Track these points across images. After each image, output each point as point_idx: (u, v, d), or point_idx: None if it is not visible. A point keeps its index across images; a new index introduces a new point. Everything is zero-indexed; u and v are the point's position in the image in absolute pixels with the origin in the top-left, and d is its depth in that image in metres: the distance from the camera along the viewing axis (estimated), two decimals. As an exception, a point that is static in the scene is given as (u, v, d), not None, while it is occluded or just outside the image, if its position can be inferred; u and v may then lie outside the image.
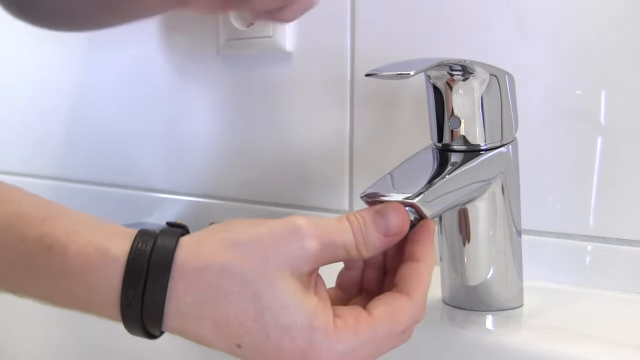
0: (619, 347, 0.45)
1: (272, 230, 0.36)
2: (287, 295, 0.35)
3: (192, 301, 0.35)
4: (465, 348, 0.48)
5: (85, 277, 0.35)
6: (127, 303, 0.35)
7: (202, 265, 0.35)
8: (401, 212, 0.40)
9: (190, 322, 0.35)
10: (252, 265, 0.35)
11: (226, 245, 0.36)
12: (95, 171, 0.92)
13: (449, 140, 0.49)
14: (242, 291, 0.35)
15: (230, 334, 0.35)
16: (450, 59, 0.45)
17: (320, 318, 0.36)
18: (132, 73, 0.89)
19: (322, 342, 0.35)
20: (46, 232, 0.36)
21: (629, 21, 0.55)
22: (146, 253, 0.35)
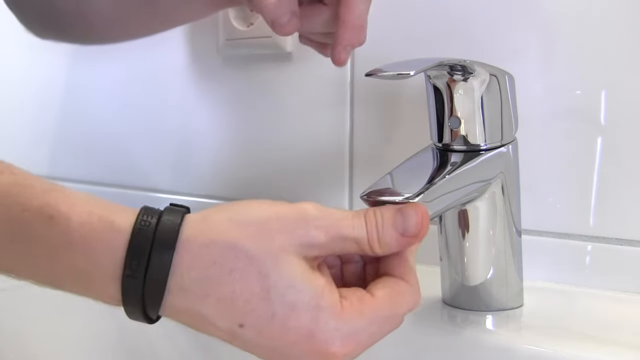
0: (619, 347, 0.45)
1: (280, 214, 0.36)
2: (294, 274, 0.35)
3: (196, 277, 0.34)
4: (465, 348, 0.48)
5: (87, 249, 0.34)
6: (130, 274, 0.34)
7: (208, 242, 0.35)
8: (421, 213, 0.39)
9: (193, 299, 0.35)
10: (259, 244, 0.35)
11: (233, 224, 0.35)
12: (95, 171, 0.92)
13: (449, 140, 0.49)
14: (248, 268, 0.34)
15: (234, 312, 0.34)
16: (450, 59, 0.45)
17: (327, 298, 0.35)
18: (132, 73, 0.89)
19: (328, 322, 0.35)
20: (47, 202, 0.35)
21: (629, 21, 0.55)
22: (152, 226, 0.35)
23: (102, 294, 0.36)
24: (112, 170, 0.91)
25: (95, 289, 0.36)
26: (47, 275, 0.36)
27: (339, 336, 0.35)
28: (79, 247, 0.34)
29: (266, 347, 0.36)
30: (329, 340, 0.35)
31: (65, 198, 0.36)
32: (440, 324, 0.50)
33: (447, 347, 0.49)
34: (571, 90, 0.57)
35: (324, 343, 0.35)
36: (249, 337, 0.35)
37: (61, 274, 0.36)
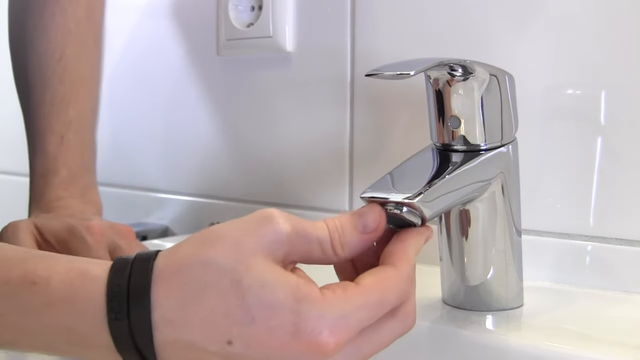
0: (619, 347, 0.45)
1: (243, 223, 0.36)
2: (265, 274, 0.34)
3: (174, 304, 0.34)
4: (465, 348, 0.48)
5: (70, 305, 0.35)
6: (114, 317, 0.34)
7: (178, 266, 0.35)
8: (377, 210, 0.40)
9: (179, 328, 0.34)
10: (226, 254, 0.35)
11: (199, 245, 0.36)
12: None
13: (449, 140, 0.49)
14: (220, 279, 0.34)
15: (219, 330, 0.34)
16: (450, 59, 0.45)
17: (304, 289, 0.35)
18: (131, 73, 0.89)
19: (310, 311, 0.34)
20: (28, 269, 0.36)
21: (629, 21, 0.55)
22: (127, 266, 0.36)
23: (96, 347, 0.36)
24: (112, 170, 0.91)
25: (89, 343, 0.36)
26: (43, 342, 0.37)
27: (326, 324, 0.34)
28: (62, 305, 0.35)
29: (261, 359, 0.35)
30: (315, 330, 0.34)
31: (45, 261, 0.36)
32: (440, 324, 0.50)
33: (447, 347, 0.49)
34: (571, 90, 0.57)
35: (311, 334, 0.34)
36: (241, 352, 0.34)
37: (54, 337, 0.36)
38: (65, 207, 0.62)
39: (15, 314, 0.36)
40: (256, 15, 0.75)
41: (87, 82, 0.67)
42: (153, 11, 0.87)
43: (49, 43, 0.65)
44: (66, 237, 0.57)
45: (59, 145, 0.64)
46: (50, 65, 0.65)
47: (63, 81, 0.65)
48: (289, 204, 0.75)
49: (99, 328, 0.35)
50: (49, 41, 0.65)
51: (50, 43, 0.65)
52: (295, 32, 0.73)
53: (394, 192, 0.42)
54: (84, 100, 0.66)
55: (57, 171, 0.63)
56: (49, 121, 0.64)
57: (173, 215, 0.86)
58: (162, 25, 0.86)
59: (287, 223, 0.36)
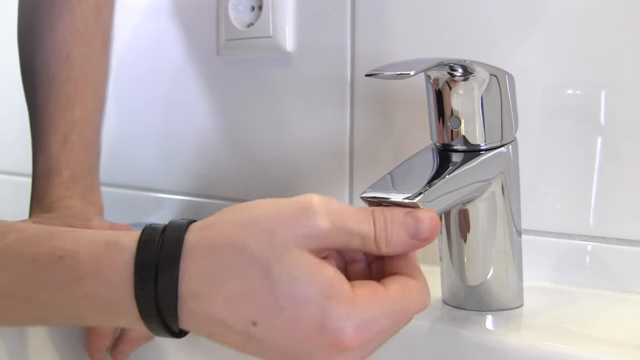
0: (619, 347, 0.45)
1: (282, 208, 0.36)
2: (297, 268, 0.34)
3: (203, 280, 0.34)
4: (465, 348, 0.48)
5: (98, 276, 0.35)
6: (141, 286, 0.35)
7: (211, 245, 0.35)
8: (435, 220, 0.39)
9: (205, 302, 0.35)
10: (259, 240, 0.35)
11: (235, 225, 0.36)
12: (95, 171, 0.92)
13: (449, 140, 0.49)
14: (250, 265, 0.34)
15: (245, 310, 0.34)
16: (450, 59, 0.45)
17: (337, 287, 0.35)
18: (131, 72, 0.89)
19: (339, 311, 0.34)
20: (55, 245, 0.36)
21: (629, 21, 0.55)
22: (156, 237, 0.36)
23: (123, 316, 0.36)
24: (112, 170, 0.91)
25: (117, 313, 0.36)
26: (72, 315, 0.37)
27: (352, 325, 0.34)
28: (91, 276, 0.35)
29: (280, 346, 0.35)
30: (340, 329, 0.34)
31: (70, 237, 0.37)
32: (440, 324, 0.50)
33: (447, 347, 0.49)
34: (571, 90, 0.57)
35: (336, 332, 0.34)
36: (263, 336, 0.35)
37: (83, 309, 0.36)
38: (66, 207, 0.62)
39: (45, 290, 0.36)
40: (256, 15, 0.75)
41: (93, 82, 0.67)
42: (153, 11, 0.87)
43: (56, 42, 0.65)
44: None
45: (62, 146, 0.64)
46: (56, 64, 0.65)
47: (69, 81, 0.65)
48: (289, 204, 0.75)
49: (126, 298, 0.35)
50: (56, 40, 0.65)
51: (58, 42, 0.65)
52: (295, 32, 0.73)
53: (394, 192, 0.42)
54: (90, 100, 0.66)
55: (59, 171, 0.63)
56: (53, 121, 0.64)
57: (173, 215, 0.86)
58: (162, 25, 0.86)
59: (326, 219, 0.36)
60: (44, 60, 0.65)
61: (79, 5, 0.66)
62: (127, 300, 0.35)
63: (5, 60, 0.89)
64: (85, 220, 0.59)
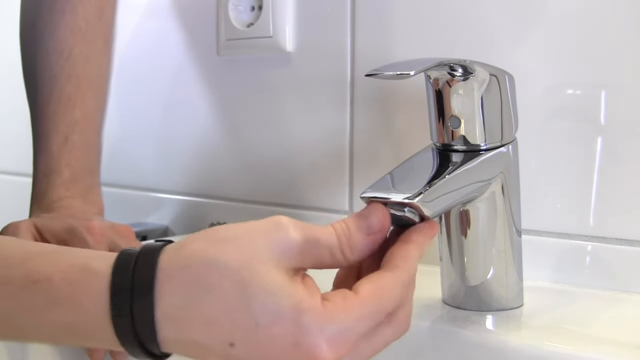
0: (619, 347, 0.45)
1: (254, 228, 0.36)
2: (273, 283, 0.34)
3: (179, 302, 0.34)
4: (465, 348, 0.48)
5: (73, 301, 0.35)
6: (116, 313, 0.34)
7: (185, 265, 0.35)
8: (381, 210, 0.40)
9: (182, 326, 0.34)
10: (235, 258, 0.35)
11: (208, 244, 0.35)
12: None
13: (449, 140, 0.49)
14: (227, 283, 0.34)
15: (222, 331, 0.34)
16: (450, 59, 0.45)
17: (307, 302, 0.35)
18: (132, 72, 0.89)
19: (311, 325, 0.34)
20: (30, 269, 0.36)
21: (629, 21, 0.55)
22: (130, 262, 0.35)
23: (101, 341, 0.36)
24: (112, 170, 0.90)
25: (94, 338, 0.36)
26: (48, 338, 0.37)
27: (325, 338, 0.34)
28: (66, 301, 0.35)
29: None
30: (314, 344, 0.34)
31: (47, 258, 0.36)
32: (440, 324, 0.50)
33: (447, 347, 0.49)
34: (571, 90, 0.57)
35: (311, 348, 0.34)
36: (241, 354, 0.35)
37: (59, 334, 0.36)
38: (66, 207, 0.62)
39: (20, 313, 0.35)
40: (256, 15, 0.75)
41: (95, 81, 0.67)
42: (153, 11, 0.87)
43: (58, 41, 0.65)
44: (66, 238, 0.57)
45: (62, 146, 0.64)
46: (58, 63, 0.64)
47: (70, 80, 0.64)
48: (289, 204, 0.75)
49: (103, 325, 0.35)
50: (57, 39, 0.65)
51: (59, 41, 0.65)
52: (295, 32, 0.73)
53: (394, 192, 0.42)
54: (91, 99, 0.66)
55: (59, 171, 0.63)
56: (54, 121, 0.64)
57: (173, 215, 0.86)
58: (162, 25, 0.86)
59: (298, 231, 0.36)
60: (45, 60, 0.65)
61: (81, 4, 0.66)
62: (104, 327, 0.35)
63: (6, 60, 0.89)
64: (85, 220, 0.58)
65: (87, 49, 0.66)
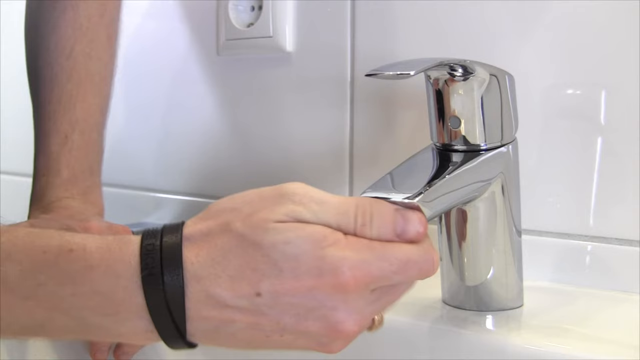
0: (619, 347, 0.45)
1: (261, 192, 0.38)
2: (286, 233, 0.36)
3: (204, 261, 0.36)
4: (465, 348, 0.48)
5: (106, 267, 0.36)
6: (147, 272, 0.36)
7: (206, 230, 0.37)
8: (425, 223, 0.39)
9: (210, 284, 0.36)
10: (245, 220, 0.36)
11: (225, 210, 0.38)
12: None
13: (449, 140, 0.49)
14: (243, 243, 0.36)
15: (248, 283, 0.36)
16: (450, 59, 0.45)
17: (330, 237, 0.36)
18: (131, 72, 0.89)
19: (333, 254, 0.35)
20: (65, 239, 0.37)
21: (629, 22, 0.55)
22: (158, 231, 0.38)
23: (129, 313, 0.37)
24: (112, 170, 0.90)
25: (123, 309, 0.36)
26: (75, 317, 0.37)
27: (347, 263, 0.35)
28: (100, 269, 0.36)
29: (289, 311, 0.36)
30: (337, 268, 0.35)
31: (78, 235, 0.38)
32: (440, 324, 0.50)
33: (447, 347, 0.49)
34: (571, 90, 0.57)
35: (333, 272, 0.35)
36: (269, 303, 0.36)
37: (88, 308, 0.37)
38: (65, 208, 0.62)
39: (53, 282, 0.36)
40: (256, 15, 0.75)
41: (97, 79, 0.66)
42: (153, 11, 0.87)
43: (60, 39, 0.64)
44: None
45: (62, 146, 0.63)
46: (59, 62, 0.64)
47: (71, 79, 0.64)
48: (289, 204, 0.75)
49: (133, 288, 0.36)
50: (59, 37, 0.64)
51: (61, 39, 0.64)
52: (295, 32, 0.73)
53: (394, 192, 0.42)
54: (92, 98, 0.66)
55: (59, 172, 0.63)
56: (54, 120, 0.64)
57: (173, 215, 0.86)
58: (162, 26, 0.86)
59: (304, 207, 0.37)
60: (47, 58, 0.65)
61: (83, 1, 0.65)
62: (134, 293, 0.36)
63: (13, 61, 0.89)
64: (82, 221, 0.58)
65: (89, 47, 0.65)
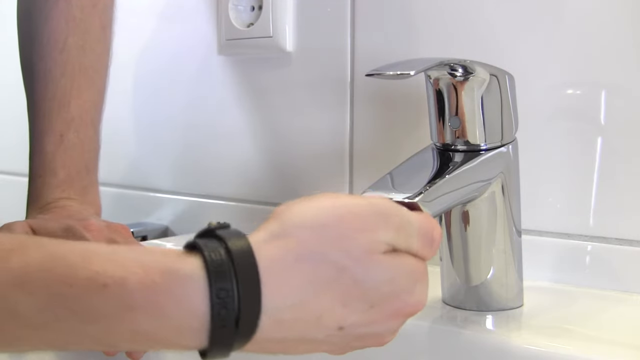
0: (619, 347, 0.45)
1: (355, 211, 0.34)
2: (390, 270, 0.34)
3: (290, 303, 0.31)
4: (465, 348, 0.48)
5: (154, 307, 0.31)
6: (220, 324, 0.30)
7: (294, 259, 0.31)
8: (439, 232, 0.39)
9: (289, 327, 0.32)
10: (343, 249, 0.33)
11: (310, 231, 0.33)
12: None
13: (449, 140, 0.49)
14: (342, 277, 0.32)
15: (333, 320, 0.33)
16: (450, 59, 0.45)
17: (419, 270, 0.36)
18: (131, 72, 0.89)
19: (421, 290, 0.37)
20: (95, 270, 0.31)
21: (630, 22, 0.55)
22: (224, 259, 0.31)
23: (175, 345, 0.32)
24: (112, 170, 0.90)
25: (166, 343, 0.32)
26: (103, 344, 0.33)
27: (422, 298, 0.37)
28: (145, 308, 0.31)
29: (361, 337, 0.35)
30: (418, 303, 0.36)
31: (110, 261, 0.32)
32: (440, 324, 0.50)
33: (447, 347, 0.49)
34: (571, 90, 0.57)
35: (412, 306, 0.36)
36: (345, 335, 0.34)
37: (123, 340, 0.32)
38: (62, 208, 0.61)
39: (76, 319, 0.31)
40: (256, 15, 0.75)
41: (91, 73, 0.64)
42: (153, 11, 0.87)
43: (52, 32, 0.63)
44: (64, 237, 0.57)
45: (58, 145, 0.62)
46: (52, 56, 0.63)
47: (65, 74, 0.62)
48: (289, 204, 0.75)
49: (195, 333, 0.31)
50: (52, 30, 0.63)
51: (54, 32, 0.63)
52: (295, 32, 0.73)
53: (394, 192, 0.42)
54: (87, 94, 0.64)
55: (55, 173, 0.62)
56: (49, 118, 0.62)
57: (173, 215, 0.86)
58: (163, 25, 0.86)
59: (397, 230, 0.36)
60: (40, 52, 0.63)
61: None
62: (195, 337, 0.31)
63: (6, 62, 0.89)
64: (82, 220, 0.58)
65: (83, 39, 0.63)
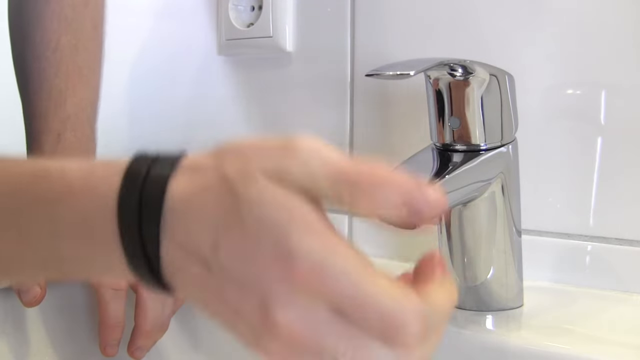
0: (619, 347, 0.45)
1: (267, 141, 0.35)
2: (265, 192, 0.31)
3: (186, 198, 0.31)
4: (465, 348, 0.48)
5: (88, 186, 0.32)
6: (125, 192, 0.31)
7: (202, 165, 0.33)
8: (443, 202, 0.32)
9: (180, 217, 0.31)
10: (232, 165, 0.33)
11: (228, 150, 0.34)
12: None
13: (449, 140, 0.49)
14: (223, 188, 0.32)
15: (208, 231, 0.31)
16: (450, 59, 0.45)
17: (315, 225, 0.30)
18: (131, 72, 0.89)
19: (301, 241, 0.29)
20: (38, 165, 0.33)
21: (630, 22, 0.55)
22: (149, 152, 0.33)
23: (102, 243, 0.32)
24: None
25: (96, 236, 0.32)
26: (49, 244, 0.33)
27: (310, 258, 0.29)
28: (80, 188, 0.32)
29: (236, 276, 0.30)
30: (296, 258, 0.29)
31: (53, 160, 0.34)
32: (440, 324, 0.50)
33: (447, 347, 0.49)
34: (571, 90, 0.57)
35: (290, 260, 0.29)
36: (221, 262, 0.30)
37: (64, 232, 0.32)
38: None
39: (28, 208, 0.32)
40: (256, 15, 0.75)
41: (85, 72, 0.64)
42: (153, 11, 0.87)
43: (45, 32, 0.62)
44: None
45: (55, 145, 0.62)
46: (45, 56, 0.62)
47: (59, 73, 0.62)
48: (289, 204, 0.75)
49: (109, 205, 0.31)
50: (44, 30, 0.62)
51: (46, 32, 0.62)
52: (295, 32, 0.73)
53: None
54: (82, 93, 0.64)
55: None
56: (45, 119, 0.62)
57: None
58: (163, 25, 0.86)
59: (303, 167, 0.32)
60: (33, 52, 0.62)
61: None
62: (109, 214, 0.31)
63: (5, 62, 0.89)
64: None
65: (75, 38, 0.63)
